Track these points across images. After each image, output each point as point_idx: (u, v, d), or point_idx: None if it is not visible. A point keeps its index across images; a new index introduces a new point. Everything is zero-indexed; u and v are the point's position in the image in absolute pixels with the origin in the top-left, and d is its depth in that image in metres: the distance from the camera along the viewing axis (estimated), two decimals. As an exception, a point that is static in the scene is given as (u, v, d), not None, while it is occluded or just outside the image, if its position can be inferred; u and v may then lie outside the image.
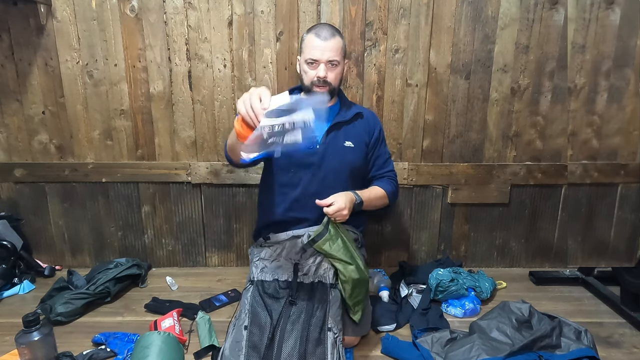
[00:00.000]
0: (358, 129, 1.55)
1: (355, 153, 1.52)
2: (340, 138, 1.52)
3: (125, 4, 1.72)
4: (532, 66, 1.80)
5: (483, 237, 2.02)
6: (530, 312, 1.39)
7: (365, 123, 1.56)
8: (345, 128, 1.53)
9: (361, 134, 1.55)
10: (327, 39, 1.40)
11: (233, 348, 1.15)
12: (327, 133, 1.51)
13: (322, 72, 1.42)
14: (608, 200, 1.94)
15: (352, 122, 1.54)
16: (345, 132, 1.53)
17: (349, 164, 1.49)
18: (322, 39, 1.40)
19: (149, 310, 1.64)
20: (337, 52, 1.41)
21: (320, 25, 1.45)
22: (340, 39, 1.43)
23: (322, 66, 1.41)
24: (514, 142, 1.89)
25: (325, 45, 1.40)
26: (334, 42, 1.40)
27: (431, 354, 1.32)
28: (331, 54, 1.40)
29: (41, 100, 1.81)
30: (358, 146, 1.53)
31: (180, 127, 1.86)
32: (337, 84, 1.48)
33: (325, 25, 1.44)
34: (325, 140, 1.50)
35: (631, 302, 1.60)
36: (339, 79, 1.48)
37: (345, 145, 1.51)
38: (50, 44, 1.75)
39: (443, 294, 1.65)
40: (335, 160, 1.46)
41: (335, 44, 1.41)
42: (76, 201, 1.93)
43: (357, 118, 1.55)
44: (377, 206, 1.54)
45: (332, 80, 1.44)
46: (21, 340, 1.18)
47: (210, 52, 1.77)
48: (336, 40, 1.41)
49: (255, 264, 1.43)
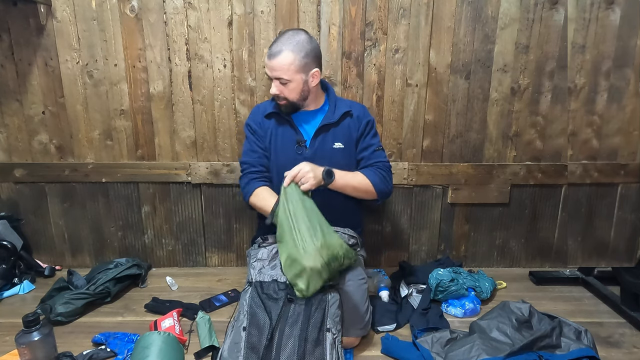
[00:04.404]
0: (347, 128, 1.52)
1: (345, 154, 1.51)
2: (329, 140, 1.50)
3: (125, 4, 1.72)
4: (532, 66, 1.80)
5: (483, 237, 2.02)
6: (530, 312, 1.39)
7: (355, 121, 1.53)
8: (333, 130, 1.51)
9: (351, 133, 1.53)
10: (273, 56, 1.37)
11: (232, 349, 1.15)
12: (315, 136, 1.50)
13: (273, 90, 1.42)
14: (608, 200, 1.94)
15: (341, 123, 1.52)
16: (334, 134, 1.51)
17: (340, 166, 1.45)
18: (269, 56, 1.37)
19: (149, 310, 1.64)
20: (284, 70, 1.37)
21: (277, 38, 1.41)
22: (289, 55, 1.37)
23: (274, 83, 1.40)
24: (514, 142, 1.89)
25: (272, 64, 1.38)
26: (279, 60, 1.36)
27: (431, 354, 1.32)
28: (278, 72, 1.38)
29: (41, 100, 1.81)
30: (348, 146, 1.52)
31: (180, 127, 1.86)
32: (298, 97, 1.45)
33: (279, 39, 1.40)
34: (313, 144, 1.49)
35: (631, 302, 1.60)
36: (298, 91, 1.44)
37: (335, 147, 1.50)
38: (50, 44, 1.75)
39: (443, 294, 1.65)
40: (324, 163, 1.41)
41: (281, 62, 1.37)
42: (76, 201, 1.93)
43: (346, 117, 1.52)
44: (359, 192, 1.48)
45: (287, 95, 1.43)
46: (21, 340, 1.18)
47: (210, 52, 1.77)
48: (283, 57, 1.36)
49: (253, 265, 1.42)
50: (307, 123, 1.55)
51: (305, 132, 1.54)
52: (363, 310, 1.41)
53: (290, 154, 1.51)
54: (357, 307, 1.40)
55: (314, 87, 1.48)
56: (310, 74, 1.44)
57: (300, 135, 1.52)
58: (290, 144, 1.52)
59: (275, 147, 1.54)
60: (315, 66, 1.44)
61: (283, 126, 1.54)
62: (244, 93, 1.82)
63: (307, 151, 1.50)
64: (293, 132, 1.53)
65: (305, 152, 1.50)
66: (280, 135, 1.54)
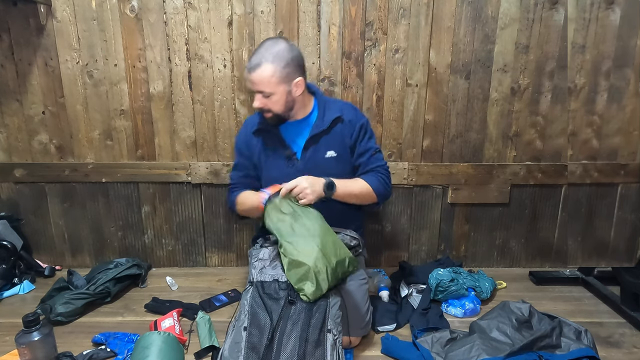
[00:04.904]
0: (340, 135, 1.47)
1: (339, 162, 1.47)
2: (321, 150, 1.46)
3: (125, 4, 1.72)
4: (532, 66, 1.80)
5: (483, 237, 2.02)
6: (530, 312, 1.39)
7: (347, 126, 1.48)
8: (325, 138, 1.46)
9: (344, 140, 1.47)
10: (252, 69, 1.33)
11: (232, 349, 1.15)
12: (306, 147, 1.46)
13: (256, 103, 1.39)
14: (608, 200, 1.94)
15: (332, 129, 1.46)
16: (326, 142, 1.46)
17: (334, 175, 1.41)
18: (248, 69, 1.34)
19: (149, 310, 1.64)
20: (265, 83, 1.33)
21: (256, 49, 1.36)
22: (269, 67, 1.32)
23: (256, 97, 1.37)
24: (514, 142, 1.89)
25: (252, 77, 1.34)
26: (259, 73, 1.33)
27: (431, 354, 1.32)
28: (259, 86, 1.35)
29: (41, 100, 1.81)
30: (341, 154, 1.47)
31: (180, 127, 1.86)
32: (283, 108, 1.40)
33: (257, 50, 1.35)
34: (304, 156, 1.46)
35: (631, 302, 1.60)
36: (283, 103, 1.39)
37: (327, 157, 1.46)
38: (50, 44, 1.75)
39: (443, 294, 1.65)
40: (317, 174, 1.37)
41: (261, 75, 1.33)
42: (76, 201, 1.93)
43: (337, 123, 1.47)
44: (361, 199, 1.48)
45: (272, 107, 1.39)
46: (21, 340, 1.18)
47: (210, 52, 1.77)
48: (263, 70, 1.32)
49: (254, 265, 1.42)
50: (296, 134, 1.50)
51: (295, 143, 1.49)
52: (364, 310, 1.41)
53: (282, 168, 1.47)
54: (358, 307, 1.40)
55: (299, 97, 1.42)
56: (294, 83, 1.38)
57: (289, 149, 1.48)
58: (280, 158, 1.49)
59: (266, 163, 1.52)
60: (298, 75, 1.38)
61: (271, 140, 1.50)
62: (244, 93, 1.82)
63: (299, 163, 1.46)
64: (282, 147, 1.49)
65: (297, 165, 1.46)
66: (270, 150, 1.51)
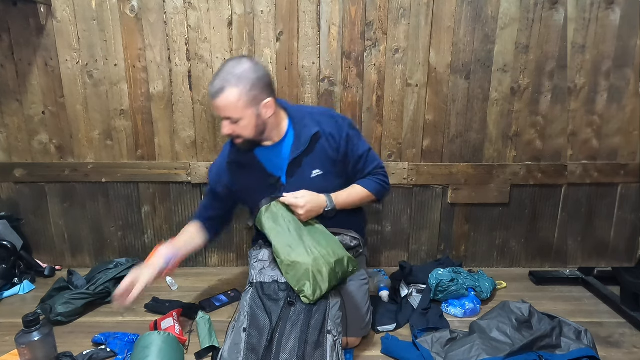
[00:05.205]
0: (323, 151, 1.41)
1: (326, 178, 1.42)
2: (306, 170, 1.40)
3: (125, 4, 1.72)
4: (532, 66, 1.80)
5: (483, 237, 2.02)
6: (530, 312, 1.39)
7: (330, 140, 1.41)
8: (307, 158, 1.39)
9: (328, 156, 1.41)
10: (216, 95, 1.25)
11: (232, 350, 1.15)
12: (289, 172, 1.41)
13: (224, 130, 1.31)
14: (608, 200, 1.94)
15: (314, 147, 1.39)
16: (310, 162, 1.40)
17: (324, 191, 1.38)
18: (211, 94, 1.26)
19: (149, 310, 1.64)
20: (231, 109, 1.26)
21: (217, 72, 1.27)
22: (233, 91, 1.23)
23: (224, 123, 1.30)
24: (514, 142, 1.89)
25: (216, 103, 1.27)
26: (224, 99, 1.25)
27: (431, 354, 1.32)
28: (224, 112, 1.27)
29: (41, 100, 1.81)
30: (328, 169, 1.42)
31: (180, 127, 1.86)
32: (253, 133, 1.33)
33: (219, 74, 1.26)
34: (289, 180, 1.41)
35: (631, 302, 1.60)
36: (252, 127, 1.31)
37: (314, 176, 1.40)
38: (50, 44, 1.75)
39: (443, 294, 1.64)
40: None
41: (226, 101, 1.25)
42: (76, 201, 1.93)
43: (317, 140, 1.39)
44: (360, 204, 1.49)
45: (241, 133, 1.31)
46: (21, 340, 1.18)
47: (210, 52, 1.77)
48: (227, 95, 1.24)
49: (254, 265, 1.42)
50: (275, 157, 1.43)
51: (277, 168, 1.43)
52: (364, 310, 1.41)
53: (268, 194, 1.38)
54: (358, 307, 1.40)
55: (270, 118, 1.34)
56: (262, 105, 1.29)
57: (271, 175, 1.42)
58: (264, 185, 1.43)
59: (248, 192, 1.46)
60: (266, 96, 1.29)
61: (251, 169, 1.44)
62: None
63: (285, 188, 1.40)
64: (262, 174, 1.43)
65: (284, 190, 1.39)
66: (252, 178, 1.44)
